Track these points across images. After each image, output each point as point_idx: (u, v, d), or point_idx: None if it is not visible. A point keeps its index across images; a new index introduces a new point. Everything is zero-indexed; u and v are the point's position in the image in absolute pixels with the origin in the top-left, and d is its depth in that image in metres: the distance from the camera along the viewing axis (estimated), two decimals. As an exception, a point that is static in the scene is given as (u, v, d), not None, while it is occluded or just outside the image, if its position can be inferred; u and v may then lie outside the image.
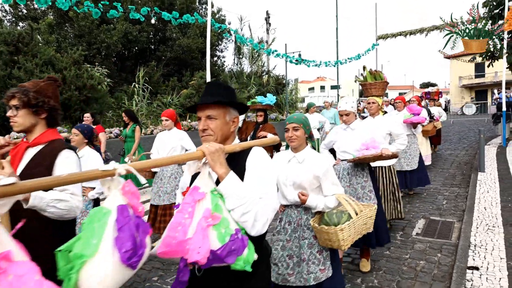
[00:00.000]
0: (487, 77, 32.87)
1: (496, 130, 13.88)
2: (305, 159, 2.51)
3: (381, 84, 4.37)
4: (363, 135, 3.52)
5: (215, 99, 1.60)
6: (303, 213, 2.54)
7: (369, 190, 3.50)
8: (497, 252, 3.79)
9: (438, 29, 13.19)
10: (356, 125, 3.61)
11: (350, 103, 3.57)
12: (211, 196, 1.40)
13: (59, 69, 10.09)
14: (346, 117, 3.58)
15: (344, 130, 3.68)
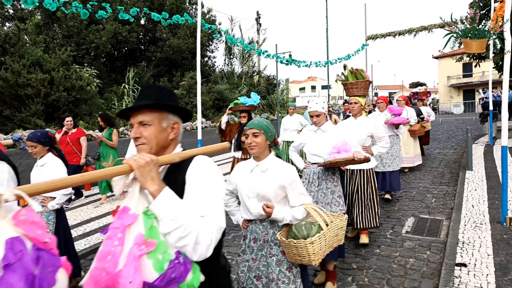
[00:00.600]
0: (475, 77, 33.38)
1: (484, 129, 14.11)
2: (268, 168, 2.31)
3: (363, 84, 4.16)
4: (335, 138, 3.39)
5: (147, 103, 1.42)
6: (269, 227, 2.33)
7: (338, 195, 3.38)
8: (485, 248, 3.85)
9: (426, 30, 13.36)
10: (327, 126, 3.46)
11: (320, 104, 3.41)
12: (144, 218, 1.18)
13: (47, 70, 9.96)
14: (317, 118, 3.42)
15: (314, 132, 3.53)
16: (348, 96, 4.29)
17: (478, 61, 13.34)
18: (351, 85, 4.20)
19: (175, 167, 1.41)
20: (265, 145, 2.31)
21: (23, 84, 9.35)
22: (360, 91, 4.16)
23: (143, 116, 1.42)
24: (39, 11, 16.27)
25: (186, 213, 1.22)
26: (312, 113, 3.41)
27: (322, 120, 3.43)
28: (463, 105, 29.65)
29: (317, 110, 3.39)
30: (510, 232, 4.24)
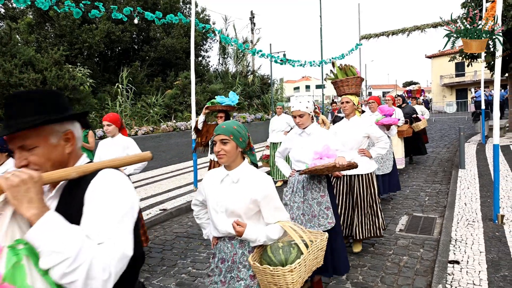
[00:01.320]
0: (467, 76, 33.67)
1: (476, 128, 14.24)
2: (240, 178, 1.99)
3: (354, 80, 3.81)
4: (321, 141, 3.04)
5: (18, 127, 1.10)
6: (238, 246, 1.99)
7: (326, 207, 3.06)
8: (477, 246, 3.90)
9: (419, 29, 13.46)
10: (312, 129, 3.12)
11: (304, 103, 3.06)
12: (8, 254, 0.93)
13: (40, 70, 9.87)
14: (300, 119, 3.07)
15: (299, 135, 3.19)
16: (339, 95, 3.96)
17: (470, 61, 13.47)
18: (341, 83, 3.87)
19: (73, 184, 1.14)
20: (236, 152, 1.99)
21: (15, 84, 9.26)
22: (351, 88, 3.84)
23: (21, 140, 1.13)
24: (31, 10, 16.12)
25: (75, 242, 0.97)
26: (294, 113, 3.09)
27: (306, 122, 3.09)
28: (456, 104, 29.93)
29: (300, 109, 3.05)
30: (502, 230, 4.29)
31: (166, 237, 4.90)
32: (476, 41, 4.27)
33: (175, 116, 13.99)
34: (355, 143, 3.81)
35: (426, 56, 37.10)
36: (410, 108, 8.71)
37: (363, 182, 3.84)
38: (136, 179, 8.92)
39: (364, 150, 3.83)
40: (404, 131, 7.56)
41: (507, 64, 11.73)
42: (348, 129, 3.85)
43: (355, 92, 3.86)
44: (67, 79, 10.13)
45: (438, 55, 34.78)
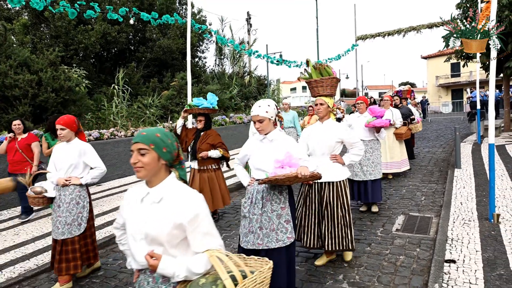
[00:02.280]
0: (463, 77, 33.89)
1: (471, 127, 14.32)
2: (164, 197, 1.64)
3: (329, 81, 3.57)
4: (284, 148, 2.81)
5: None
6: (160, 281, 1.64)
7: (286, 220, 2.82)
8: (473, 245, 3.91)
9: (414, 30, 13.53)
10: (275, 135, 2.87)
11: (264, 107, 2.81)
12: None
13: (35, 71, 9.82)
14: (260, 125, 2.81)
15: (260, 141, 2.92)
16: (313, 96, 3.71)
17: (466, 61, 13.56)
18: (315, 83, 3.62)
19: None
20: (158, 165, 1.64)
21: (10, 85, 9.20)
22: (326, 90, 3.60)
23: None
24: (26, 11, 16.04)
25: None
26: (253, 118, 2.83)
27: (266, 127, 2.84)
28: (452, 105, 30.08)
29: (259, 114, 2.79)
30: (497, 229, 4.31)
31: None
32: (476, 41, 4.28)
33: (172, 117, 13.95)
34: (327, 148, 3.58)
35: (422, 57, 37.29)
36: (407, 109, 8.44)
37: (335, 191, 3.57)
38: (133, 180, 8.89)
39: (337, 156, 3.61)
40: (403, 133, 7.14)
41: (501, 64, 11.80)
42: (321, 133, 3.62)
43: (330, 93, 3.62)
44: (63, 80, 10.08)
45: (434, 56, 34.97)
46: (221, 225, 5.31)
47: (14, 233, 5.24)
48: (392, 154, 7.19)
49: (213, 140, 5.04)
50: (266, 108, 2.81)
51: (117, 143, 9.61)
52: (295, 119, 8.21)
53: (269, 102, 2.84)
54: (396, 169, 7.25)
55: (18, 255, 4.39)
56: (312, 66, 3.68)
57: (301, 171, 2.59)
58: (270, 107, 2.82)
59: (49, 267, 4.02)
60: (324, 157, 3.59)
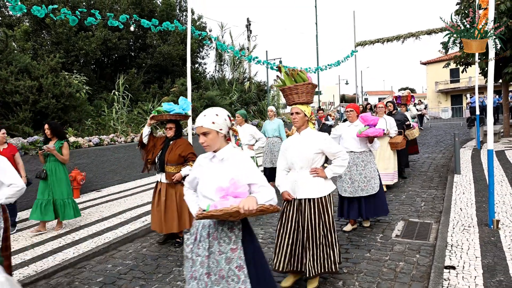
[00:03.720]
0: (462, 82, 33.98)
1: (471, 133, 14.34)
2: None
3: (304, 88, 3.26)
4: (237, 170, 2.21)
5: None
6: None
7: (237, 265, 2.14)
8: (473, 251, 3.90)
9: (413, 36, 13.60)
10: (226, 153, 2.26)
11: (210, 116, 2.21)
12: None
13: (36, 77, 9.86)
14: (205, 139, 2.20)
15: (210, 160, 2.32)
16: (288, 104, 3.38)
17: (465, 67, 13.61)
18: (289, 91, 3.31)
19: None
20: None
21: (11, 91, 9.24)
22: (301, 97, 3.28)
23: None
24: (27, 18, 16.14)
25: None
26: (198, 130, 2.23)
27: (213, 142, 2.22)
28: (451, 110, 30.14)
29: (203, 125, 2.19)
30: (497, 235, 4.31)
31: (162, 244, 4.87)
32: (476, 41, 4.30)
33: (172, 123, 13.96)
34: (306, 161, 3.24)
35: (421, 63, 37.44)
36: (402, 115, 7.87)
37: (316, 208, 3.20)
38: (132, 186, 8.89)
39: (317, 169, 3.26)
40: (398, 143, 6.68)
41: (500, 70, 11.85)
42: (298, 144, 3.29)
43: (307, 101, 3.31)
44: (63, 86, 10.12)
45: (433, 62, 35.11)
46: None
47: (13, 239, 5.23)
48: (386, 165, 6.75)
49: (183, 151, 4.44)
50: (213, 117, 2.21)
51: (117, 149, 9.62)
52: (281, 127, 7.38)
53: (218, 111, 2.27)
54: (389, 181, 6.83)
55: (17, 261, 4.38)
56: (285, 72, 3.40)
57: (244, 204, 1.95)
58: (218, 117, 2.23)
59: (48, 274, 4.02)
60: (303, 170, 3.28)
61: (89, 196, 7.97)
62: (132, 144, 10.08)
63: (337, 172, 3.35)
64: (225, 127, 2.27)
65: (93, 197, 7.84)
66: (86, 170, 8.41)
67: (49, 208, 5.33)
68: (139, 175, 9.81)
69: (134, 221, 5.79)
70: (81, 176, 7.83)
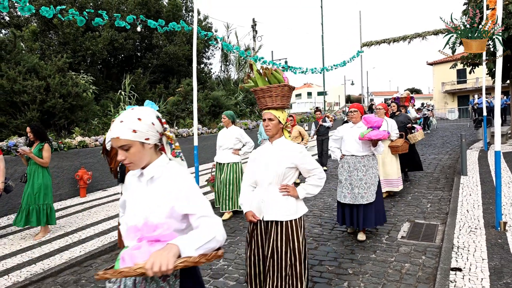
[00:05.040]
0: (469, 83, 33.71)
1: (478, 134, 14.22)
2: None
3: (278, 90, 2.72)
4: (167, 194, 1.58)
5: None
6: None
7: None
8: (479, 253, 3.88)
9: (420, 37, 13.51)
10: (157, 169, 1.63)
11: (131, 123, 1.55)
12: None
13: (43, 77, 9.95)
14: (125, 155, 1.56)
15: (137, 179, 1.70)
16: (261, 108, 2.85)
17: (472, 68, 13.50)
18: (262, 93, 2.77)
19: None
20: None
21: (19, 91, 9.34)
22: (275, 101, 2.74)
23: None
24: (35, 18, 16.30)
25: None
26: (113, 143, 1.59)
27: (138, 158, 1.59)
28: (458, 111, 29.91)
29: (120, 137, 1.53)
30: (504, 237, 4.27)
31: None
32: (476, 41, 4.28)
33: (177, 123, 14.03)
34: (275, 176, 2.68)
35: (428, 63, 37.20)
36: (405, 117, 7.44)
37: (284, 233, 2.66)
38: (138, 185, 8.93)
39: (289, 187, 2.70)
40: (399, 146, 6.33)
41: (508, 71, 11.74)
42: (268, 156, 2.75)
43: (282, 105, 2.76)
44: (70, 86, 10.20)
45: (440, 62, 34.86)
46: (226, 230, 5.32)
47: (20, 237, 5.29)
48: (388, 171, 6.39)
49: None
50: (134, 124, 1.54)
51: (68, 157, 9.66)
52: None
53: (140, 114, 1.58)
54: (393, 187, 6.45)
55: (25, 259, 4.43)
56: (257, 71, 2.85)
57: (153, 262, 1.31)
58: (142, 122, 1.56)
59: (55, 272, 4.06)
60: (272, 187, 2.70)
61: (95, 195, 8.03)
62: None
63: (311, 192, 2.79)
64: (153, 135, 1.61)
65: (99, 196, 7.90)
66: (93, 169, 8.47)
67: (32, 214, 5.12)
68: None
69: (140, 221, 5.83)
70: (87, 176, 7.89)
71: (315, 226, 5.26)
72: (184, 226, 1.61)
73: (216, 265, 4.07)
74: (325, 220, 5.55)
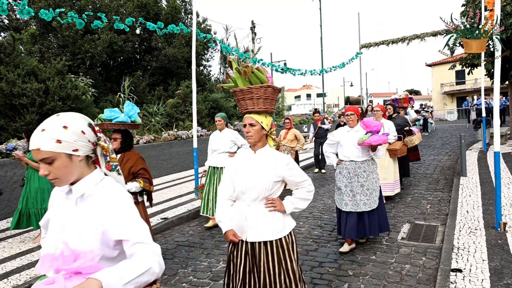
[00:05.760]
0: (468, 84, 33.79)
1: (477, 135, 14.24)
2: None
3: (261, 91, 2.38)
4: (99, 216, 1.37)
5: None
6: None
7: None
8: (479, 254, 3.87)
9: (418, 38, 13.55)
10: (89, 186, 1.41)
11: (54, 132, 1.30)
12: None
13: (42, 80, 9.96)
14: (48, 169, 1.32)
15: (66, 196, 1.45)
16: (241, 112, 2.49)
17: (470, 69, 13.53)
18: (241, 94, 2.43)
19: None
20: None
21: (18, 94, 9.34)
22: (257, 104, 2.39)
23: None
24: (34, 21, 16.32)
25: None
26: (34, 156, 1.33)
27: (65, 173, 1.35)
28: (457, 112, 29.97)
29: (41, 148, 1.29)
30: (504, 237, 4.27)
31: (167, 246, 4.88)
32: (476, 41, 4.29)
33: (177, 125, 14.03)
34: (260, 190, 2.34)
35: (427, 64, 37.29)
36: (402, 119, 7.18)
37: (275, 253, 2.34)
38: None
39: (275, 201, 2.38)
40: (398, 150, 6.12)
41: (507, 72, 11.77)
42: (252, 167, 2.39)
43: (265, 109, 2.41)
44: (70, 89, 10.21)
45: (438, 63, 34.96)
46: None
47: (20, 241, 5.27)
48: (385, 174, 6.14)
49: (133, 166, 3.66)
50: (58, 133, 1.29)
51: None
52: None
53: (66, 121, 1.34)
54: (389, 191, 6.23)
55: (24, 262, 4.42)
56: (235, 68, 2.48)
57: None
58: (68, 130, 1.31)
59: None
60: (256, 203, 2.37)
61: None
62: (138, 146, 10.12)
63: (299, 207, 2.48)
64: (83, 145, 1.37)
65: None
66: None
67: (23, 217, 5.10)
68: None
69: (139, 223, 5.82)
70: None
71: (315, 228, 5.25)
72: (116, 253, 1.39)
73: (216, 268, 4.06)
74: (325, 221, 5.55)
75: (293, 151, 7.85)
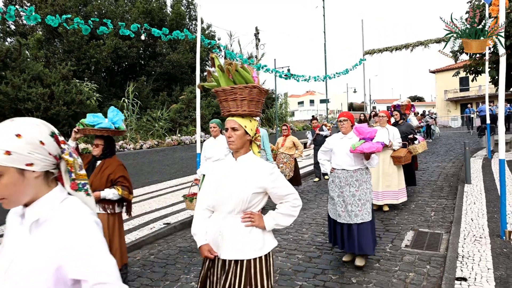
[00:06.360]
0: (472, 91, 33.71)
1: (481, 142, 14.17)
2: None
3: (245, 92, 2.13)
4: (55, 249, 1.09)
5: None
6: None
7: None
8: (484, 262, 3.83)
9: (422, 45, 13.56)
10: (46, 209, 1.14)
11: (5, 142, 1.05)
12: None
13: (47, 84, 10.04)
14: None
15: (20, 221, 1.18)
16: (223, 115, 2.25)
17: (474, 76, 13.51)
18: (223, 95, 2.19)
19: None
20: None
21: (23, 98, 9.42)
22: (241, 106, 2.15)
23: None
24: (40, 27, 16.51)
25: None
26: None
27: (14, 192, 1.09)
28: (461, 119, 29.85)
29: None
30: (509, 246, 4.23)
31: (170, 252, 4.87)
32: (476, 41, 4.27)
33: (180, 130, 14.08)
34: (238, 202, 2.09)
35: (430, 71, 37.26)
36: (408, 126, 7.04)
37: (248, 274, 2.05)
38: (140, 193, 8.94)
39: (253, 216, 2.12)
40: (402, 157, 5.98)
41: (511, 79, 11.74)
42: (232, 176, 2.15)
43: (249, 112, 2.17)
44: (74, 94, 10.29)
45: (442, 70, 34.93)
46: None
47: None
48: (388, 182, 6.08)
49: (113, 173, 3.53)
50: (9, 143, 1.06)
51: (126, 156, 9.70)
52: (265, 139, 6.43)
53: (21, 129, 1.09)
54: (393, 199, 6.13)
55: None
56: (218, 66, 2.23)
57: None
58: (22, 140, 1.07)
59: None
60: (232, 216, 2.12)
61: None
62: (141, 151, 10.16)
63: (282, 224, 2.19)
64: (41, 159, 1.12)
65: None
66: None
67: None
68: (147, 182, 9.87)
69: (141, 228, 5.81)
70: (90, 183, 7.88)
71: (318, 235, 5.23)
72: None
73: (218, 274, 4.04)
74: (328, 228, 5.51)
75: (292, 159, 7.69)
